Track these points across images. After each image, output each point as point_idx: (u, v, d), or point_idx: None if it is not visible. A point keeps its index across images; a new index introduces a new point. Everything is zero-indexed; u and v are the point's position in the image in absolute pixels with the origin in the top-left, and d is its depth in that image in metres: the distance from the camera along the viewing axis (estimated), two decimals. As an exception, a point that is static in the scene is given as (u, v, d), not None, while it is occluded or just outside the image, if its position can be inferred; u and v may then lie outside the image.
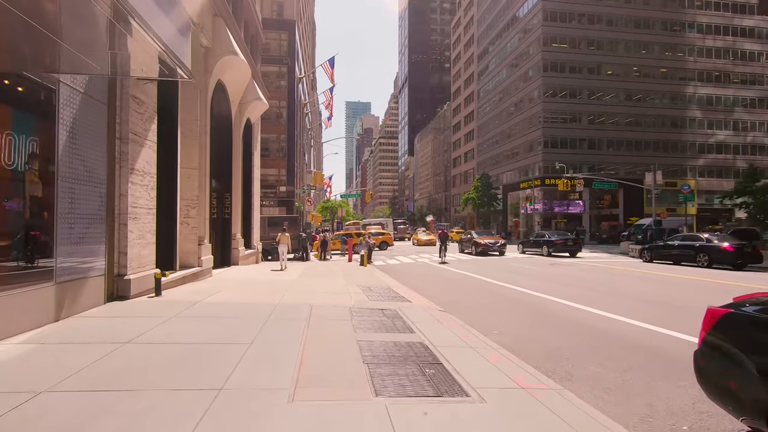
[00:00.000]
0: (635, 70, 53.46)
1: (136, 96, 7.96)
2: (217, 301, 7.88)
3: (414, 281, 13.83)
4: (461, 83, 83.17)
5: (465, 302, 9.68)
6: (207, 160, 13.00)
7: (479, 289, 11.85)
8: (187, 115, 11.60)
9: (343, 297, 9.03)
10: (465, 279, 14.27)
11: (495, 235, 32.14)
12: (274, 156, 47.57)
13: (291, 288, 10.28)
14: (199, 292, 8.93)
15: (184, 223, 11.50)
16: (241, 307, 7.42)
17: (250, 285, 10.90)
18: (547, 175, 51.03)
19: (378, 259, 24.61)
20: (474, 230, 31.80)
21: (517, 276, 14.70)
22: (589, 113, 52.52)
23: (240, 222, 18.00)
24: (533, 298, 9.95)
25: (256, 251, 20.36)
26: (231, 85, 15.56)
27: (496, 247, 24.83)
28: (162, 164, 10.22)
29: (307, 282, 11.94)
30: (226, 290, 9.55)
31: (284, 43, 47.95)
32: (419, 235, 41.85)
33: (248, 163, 20.02)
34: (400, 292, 10.49)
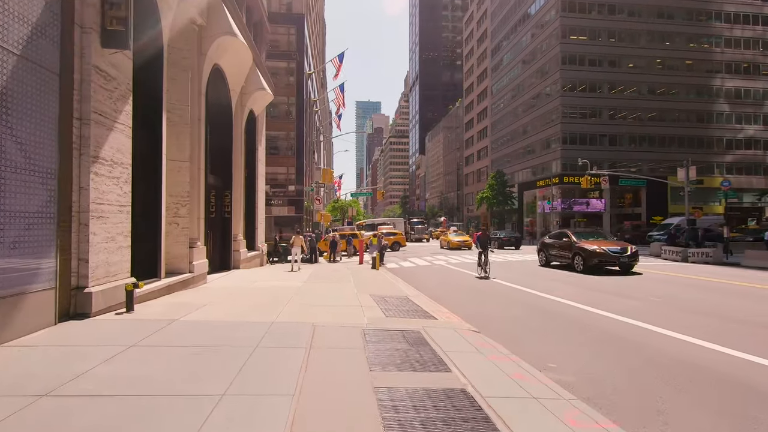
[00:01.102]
0: (658, 62, 50.99)
1: (101, 68, 6.52)
2: (198, 320, 6.40)
3: (433, 289, 12.24)
4: (474, 79, 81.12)
5: (496, 316, 8.08)
6: (201, 152, 11.59)
7: (507, 298, 10.22)
8: (176, 99, 10.19)
9: (354, 312, 7.49)
10: (490, 286, 12.64)
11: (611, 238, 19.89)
12: (283, 154, 46.37)
13: (293, 299, 8.78)
14: (183, 306, 7.47)
15: (172, 223, 10.10)
16: (225, 328, 5.93)
17: (247, 294, 9.43)
18: (565, 172, 48.94)
19: (390, 261, 23.07)
20: (568, 229, 21.46)
21: (550, 282, 13.02)
22: (609, 108, 50.23)
23: (242, 222, 16.61)
24: (581, 313, 8.30)
25: (260, 253, 18.97)
26: (230, 72, 14.15)
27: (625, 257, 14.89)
28: (142, 154, 8.82)
29: (312, 290, 10.44)
30: (216, 302, 8.08)
31: (293, 38, 46.66)
32: (450, 236, 34.51)
33: (251, 158, 18.64)
34: (419, 303, 8.93)
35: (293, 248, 16.73)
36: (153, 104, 9.02)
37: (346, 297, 9.35)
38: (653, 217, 49.18)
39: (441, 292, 11.43)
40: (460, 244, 32.02)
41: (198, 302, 8.00)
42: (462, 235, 36.43)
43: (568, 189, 50.03)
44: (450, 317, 7.63)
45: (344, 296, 9.46)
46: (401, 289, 11.37)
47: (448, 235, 35.37)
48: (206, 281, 11.55)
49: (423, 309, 8.24)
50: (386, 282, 12.79)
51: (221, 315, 6.79)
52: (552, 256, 17.54)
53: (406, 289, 11.24)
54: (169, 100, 9.94)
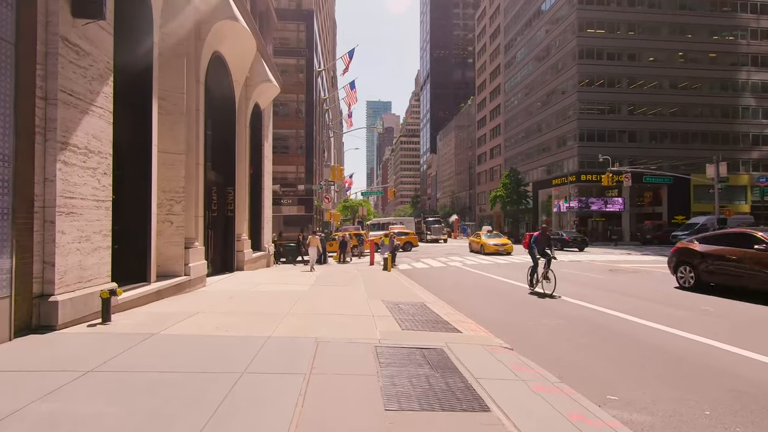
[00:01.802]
0: (680, 55, 49.03)
1: (70, 40, 5.62)
2: (182, 333, 5.45)
3: (450, 292, 11.19)
4: (486, 76, 79.60)
5: (524, 325, 7.01)
6: (200, 145, 10.71)
7: (533, 305, 9.11)
8: (170, 85, 9.30)
9: (365, 323, 6.49)
10: (512, 289, 11.54)
11: None
12: (293, 153, 45.68)
13: (296, 305, 7.81)
14: (170, 316, 6.55)
15: (165, 221, 9.22)
16: (210, 345, 4.97)
17: (246, 300, 8.49)
18: (583, 170, 47.34)
19: (402, 261, 22.06)
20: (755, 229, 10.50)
21: (589, 289, 11.85)
22: (629, 103, 48.44)
23: (246, 221, 15.75)
24: (633, 327, 7.18)
25: (266, 254, 18.11)
26: (232, 60, 13.27)
27: None
28: (130, 145, 7.95)
29: (319, 294, 9.48)
30: (209, 310, 7.15)
31: (302, 35, 45.91)
32: (484, 238, 27.68)
33: (257, 154, 17.79)
34: (438, 311, 7.90)
35: (309, 248, 16.65)
36: (142, 90, 8.14)
37: (355, 303, 8.35)
38: (675, 216, 47.33)
39: (459, 296, 10.36)
40: (497, 248, 26.09)
41: (189, 310, 7.07)
42: (499, 236, 29.44)
43: (585, 188, 48.41)
44: (476, 329, 6.58)
45: (354, 303, 8.46)
46: (416, 293, 10.34)
47: (481, 237, 28.28)
48: (205, 284, 10.67)
49: (443, 319, 7.20)
50: (399, 286, 11.77)
51: (210, 327, 5.84)
52: (716, 273, 10.10)
53: (422, 294, 10.21)
54: (162, 87, 9.07)
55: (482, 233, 30.45)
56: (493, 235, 29.92)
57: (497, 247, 26.29)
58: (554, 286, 10.16)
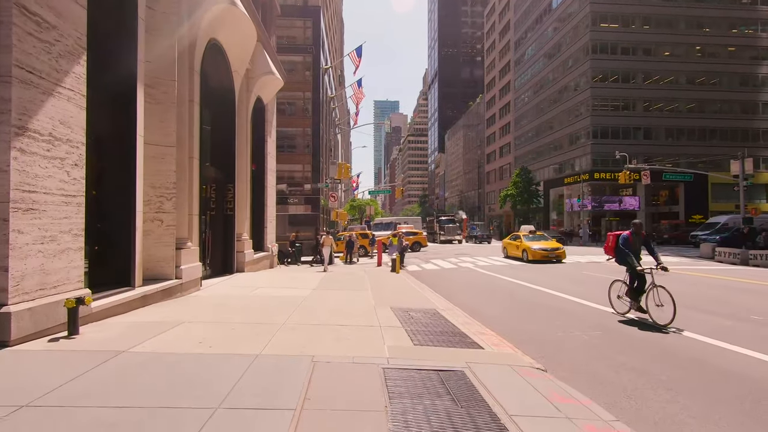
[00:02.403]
0: (698, 49, 47.45)
1: (30, 9, 4.85)
2: (156, 351, 4.64)
3: (463, 296, 10.30)
4: (496, 73, 78.32)
5: (553, 337, 6.11)
6: (194, 138, 9.94)
7: (563, 312, 8.19)
8: (160, 72, 8.53)
9: (371, 336, 5.65)
10: (534, 295, 10.62)
11: None
12: (300, 151, 45.06)
13: (294, 314, 6.99)
14: (149, 327, 5.75)
15: (154, 220, 8.45)
16: (185, 367, 4.15)
17: (241, 307, 7.69)
18: (596, 168, 46.05)
19: (411, 262, 21.19)
20: None
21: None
22: (644, 99, 46.99)
23: (248, 220, 14.99)
24: (692, 344, 6.24)
25: (269, 254, 17.35)
26: (231, 49, 12.49)
27: None
28: (111, 135, 7.20)
29: (321, 300, 8.65)
30: (196, 320, 6.35)
31: (308, 31, 45.20)
32: (526, 241, 21.04)
33: (260, 150, 17.03)
34: (453, 320, 7.03)
35: (323, 248, 16.78)
36: (125, 74, 7.38)
37: (361, 311, 7.51)
38: (692, 215, 45.84)
39: (473, 300, 9.46)
40: (546, 254, 19.51)
41: (173, 319, 6.28)
42: (544, 238, 22.26)
43: (598, 186, 47.09)
44: (499, 344, 5.69)
45: (359, 310, 7.62)
46: (428, 299, 9.47)
47: (522, 239, 21.27)
48: (200, 288, 9.90)
49: (460, 330, 6.33)
50: (409, 289, 10.91)
51: (191, 342, 5.03)
52: None
53: (435, 300, 9.34)
54: (150, 73, 8.31)
55: (522, 233, 22.89)
56: (537, 236, 22.51)
57: (545, 253, 19.50)
58: (673, 315, 6.68)
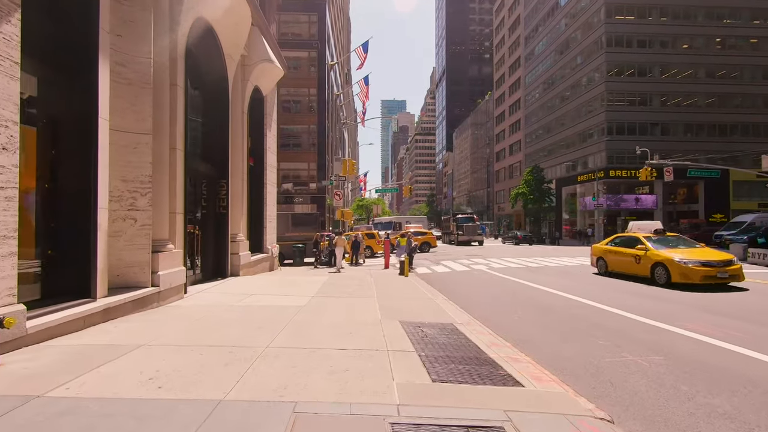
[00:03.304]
0: (717, 41, 45.57)
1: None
2: (79, 396, 3.44)
3: (482, 305, 9.03)
4: (505, 70, 76.67)
5: (603, 364, 4.83)
6: (178, 126, 8.79)
7: (600, 327, 6.89)
8: (132, 48, 7.38)
9: (376, 366, 4.42)
10: (567, 304, 9.31)
11: None
12: (306, 149, 44.07)
13: (283, 332, 5.79)
14: (94, 353, 4.57)
15: (127, 218, 7.31)
16: (108, 428, 2.95)
17: (220, 322, 6.50)
18: (611, 165, 44.40)
19: (420, 264, 19.96)
20: None
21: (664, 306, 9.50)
22: (661, 93, 45.20)
23: (245, 219, 13.85)
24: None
25: (269, 256, 16.21)
26: (223, 31, 11.34)
27: None
28: (65, 116, 6.06)
29: (318, 312, 7.45)
30: (157, 343, 5.15)
31: (314, 27, 44.13)
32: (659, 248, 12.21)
33: (259, 144, 15.89)
34: (477, 340, 5.79)
35: (336, 249, 16.64)
36: (83, 45, 6.24)
37: (365, 326, 6.29)
38: (712, 214, 44.01)
39: (494, 310, 8.17)
40: (714, 272, 10.81)
41: (131, 341, 5.10)
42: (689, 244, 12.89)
43: (613, 184, 45.44)
44: (540, 376, 4.42)
45: (362, 325, 6.40)
46: (442, 308, 8.23)
47: (649, 245, 12.43)
48: (182, 296, 8.74)
49: (488, 355, 5.08)
50: (420, 297, 9.67)
51: (137, 380, 3.81)
52: None
53: (450, 310, 8.09)
54: (120, 48, 7.17)
55: (640, 234, 13.40)
56: (671, 240, 13.06)
57: (711, 271, 10.85)
58: None
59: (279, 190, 43.70)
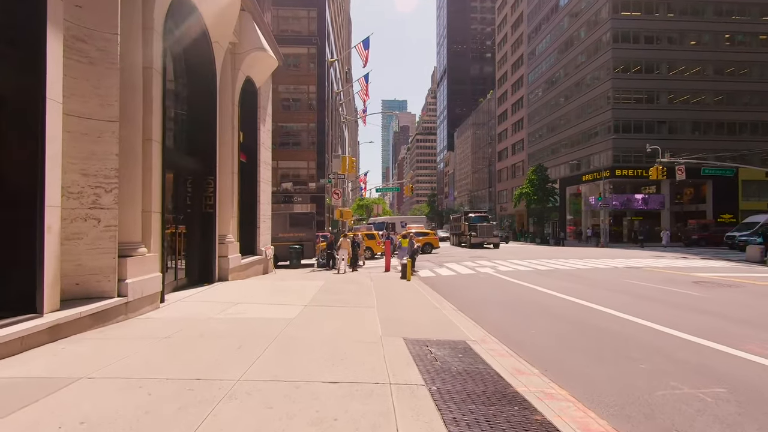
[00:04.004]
0: (727, 38, 44.50)
1: None
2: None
3: (494, 315, 8.04)
4: (508, 68, 75.59)
5: (649, 398, 3.85)
6: (155, 116, 7.81)
7: (634, 342, 5.90)
8: (96, 23, 6.40)
9: (375, 411, 3.43)
10: (579, 311, 8.32)
11: None
12: (306, 148, 43.14)
13: (262, 358, 4.81)
14: (12, 392, 3.60)
15: (88, 218, 6.33)
16: None
17: (188, 343, 5.51)
18: (617, 164, 43.36)
19: (423, 266, 19.00)
20: None
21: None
22: (669, 91, 44.14)
23: (235, 219, 12.87)
24: None
25: (262, 258, 15.24)
26: (209, 13, 10.35)
27: None
28: (3, 96, 5.08)
29: (309, 327, 6.47)
30: (101, 375, 4.16)
31: (313, 22, 43.16)
32: None
33: (252, 139, 14.92)
34: (497, 365, 4.81)
35: (340, 251, 16.45)
36: (27, 13, 5.26)
37: (362, 348, 5.30)
38: (721, 214, 42.98)
39: (515, 326, 7.16)
40: None
41: (69, 372, 4.11)
42: None
43: (619, 183, 44.43)
44: (586, 422, 3.44)
45: (359, 345, 5.42)
46: (451, 320, 7.24)
47: None
48: (158, 305, 7.75)
49: (514, 389, 4.09)
50: (425, 305, 8.68)
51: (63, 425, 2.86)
52: None
53: (460, 322, 7.10)
54: (79, 21, 6.19)
55: None
56: None
57: None
58: None
59: (278, 189, 42.88)
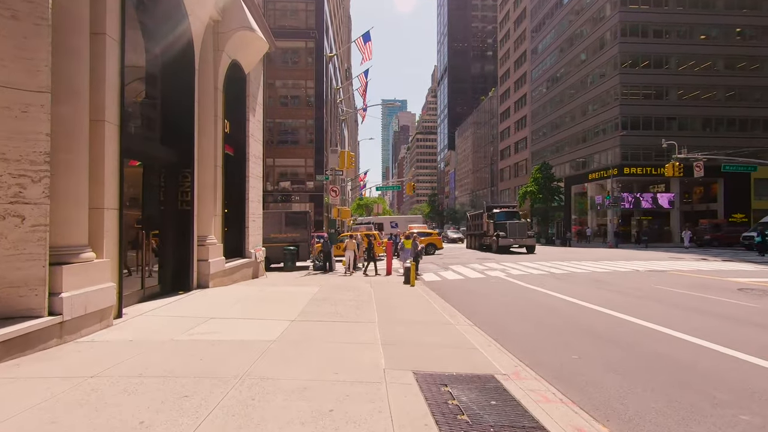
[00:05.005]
0: (738, 31, 43.11)
1: None
2: None
3: (522, 335, 6.64)
4: (510, 65, 74.17)
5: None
6: (110, 92, 6.43)
7: (715, 378, 4.53)
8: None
9: None
10: (628, 329, 6.93)
11: None
12: (304, 145, 41.83)
13: (212, 417, 3.43)
14: None
15: (7, 215, 4.95)
16: None
17: (117, 385, 4.12)
18: (625, 162, 41.95)
19: (426, 268, 17.67)
20: None
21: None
22: (678, 86, 42.72)
23: (218, 218, 11.47)
24: None
25: (252, 261, 13.83)
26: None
27: None
28: None
29: (293, 354, 5.07)
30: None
31: (311, 15, 41.76)
32: None
33: (239, 131, 13.52)
34: (549, 422, 3.41)
35: (346, 252, 15.92)
36: None
37: (358, 391, 3.90)
38: (732, 214, 41.54)
39: (551, 353, 5.74)
40: None
41: None
42: None
43: (626, 182, 43.06)
44: None
45: (354, 390, 4.01)
46: (470, 341, 5.83)
47: None
48: (110, 323, 6.34)
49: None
50: (435, 320, 7.27)
51: None
52: None
53: (482, 345, 5.68)
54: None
55: None
56: None
57: None
58: None
59: (276, 188, 41.52)
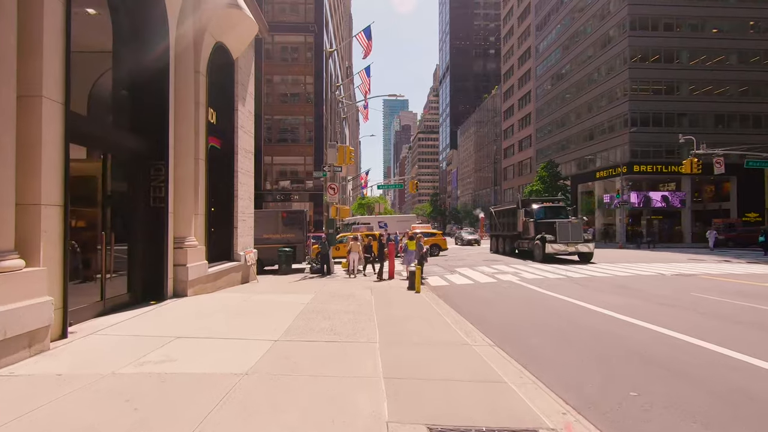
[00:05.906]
0: (751, 24, 41.71)
1: None
2: None
3: (557, 360, 5.38)
4: (514, 62, 72.84)
5: None
6: (49, 63, 5.27)
7: None
8: None
9: None
10: (692, 351, 5.68)
11: None
12: (304, 143, 40.67)
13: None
14: None
15: None
16: None
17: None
18: (635, 160, 40.61)
19: (431, 271, 16.47)
20: None
21: None
22: (690, 81, 41.36)
23: (201, 216, 10.24)
24: None
25: (241, 265, 12.59)
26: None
27: None
28: None
29: (257, 413, 3.84)
30: None
31: (310, 9, 40.54)
32: None
33: (227, 122, 12.29)
34: None
35: (350, 255, 15.38)
36: None
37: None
38: (746, 213, 40.16)
39: (603, 389, 4.45)
40: None
41: None
42: None
43: (636, 180, 41.70)
44: None
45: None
46: (496, 372, 4.56)
47: None
48: (45, 347, 5.10)
49: None
50: (448, 339, 5.99)
51: None
52: None
53: (513, 378, 4.41)
54: None
55: None
56: None
57: None
58: None
59: (276, 187, 40.34)
